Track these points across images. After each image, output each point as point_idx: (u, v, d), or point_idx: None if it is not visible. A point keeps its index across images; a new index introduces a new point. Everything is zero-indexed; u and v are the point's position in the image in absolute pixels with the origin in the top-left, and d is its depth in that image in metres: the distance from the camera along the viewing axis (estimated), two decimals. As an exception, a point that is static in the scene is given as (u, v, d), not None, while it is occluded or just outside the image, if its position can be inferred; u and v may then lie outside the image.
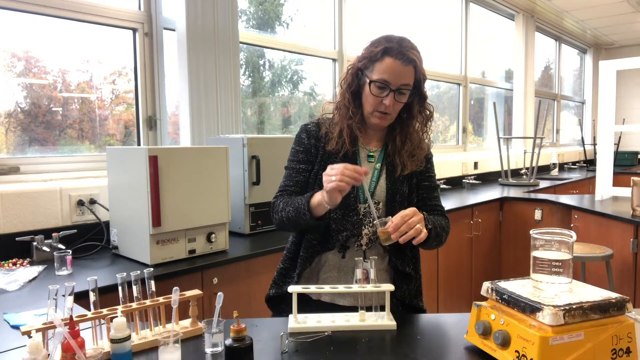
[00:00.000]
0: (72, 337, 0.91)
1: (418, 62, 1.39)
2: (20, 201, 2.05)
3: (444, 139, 5.22)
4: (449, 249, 3.39)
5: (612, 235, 3.09)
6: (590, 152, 7.20)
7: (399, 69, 1.37)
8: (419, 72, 1.41)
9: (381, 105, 1.41)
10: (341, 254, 1.48)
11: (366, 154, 1.52)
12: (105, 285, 1.61)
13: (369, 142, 1.54)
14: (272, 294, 1.54)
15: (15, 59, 2.25)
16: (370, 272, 1.35)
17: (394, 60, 1.37)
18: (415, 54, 1.39)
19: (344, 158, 1.47)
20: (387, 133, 1.53)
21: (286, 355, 1.10)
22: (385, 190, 1.48)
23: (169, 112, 2.72)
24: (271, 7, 3.50)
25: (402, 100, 1.42)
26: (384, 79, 1.38)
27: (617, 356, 0.98)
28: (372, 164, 1.51)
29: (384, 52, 1.38)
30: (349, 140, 1.46)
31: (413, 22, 4.59)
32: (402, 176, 1.48)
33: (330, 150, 1.47)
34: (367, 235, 1.47)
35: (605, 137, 3.66)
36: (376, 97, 1.40)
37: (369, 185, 1.48)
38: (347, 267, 1.47)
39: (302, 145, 1.52)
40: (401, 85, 1.39)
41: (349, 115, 1.45)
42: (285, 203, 1.45)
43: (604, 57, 8.05)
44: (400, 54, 1.37)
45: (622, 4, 5.94)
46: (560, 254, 1.06)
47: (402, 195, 1.48)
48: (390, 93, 1.39)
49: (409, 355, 1.10)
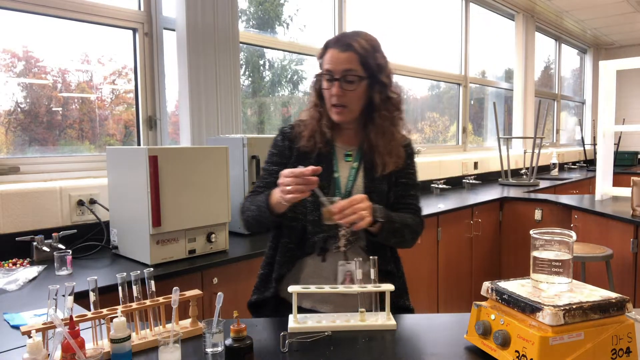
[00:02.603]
0: (72, 337, 0.91)
1: (359, 47, 1.37)
2: (20, 201, 2.05)
3: (444, 139, 5.22)
4: (449, 249, 3.39)
5: (612, 235, 3.09)
6: (590, 152, 7.19)
7: (337, 56, 1.37)
8: (365, 57, 1.38)
9: (332, 97, 1.40)
10: (321, 257, 1.44)
11: (343, 154, 1.50)
12: (105, 285, 1.61)
13: (346, 141, 1.51)
14: (254, 300, 1.52)
15: (15, 59, 2.25)
16: (355, 273, 1.34)
17: (333, 49, 1.39)
18: (358, 39, 1.38)
19: (319, 158, 1.45)
20: (362, 131, 1.50)
21: (286, 355, 1.10)
22: (362, 190, 1.44)
23: (169, 112, 2.72)
24: (271, 7, 3.50)
25: (350, 87, 1.38)
26: (327, 68, 1.39)
27: (617, 356, 0.98)
28: (350, 163, 1.48)
29: (325, 46, 1.42)
30: (321, 140, 1.45)
31: (413, 22, 4.59)
32: (381, 174, 1.45)
33: (303, 149, 1.46)
34: (345, 237, 1.44)
35: (605, 137, 3.66)
36: (326, 90, 1.41)
37: (346, 185, 1.45)
38: (328, 272, 1.44)
39: (276, 148, 1.52)
40: (344, 71, 1.37)
41: (317, 116, 1.45)
42: (250, 203, 1.45)
43: (604, 57, 8.05)
44: (338, 42, 1.39)
45: (622, 4, 5.94)
46: (560, 254, 1.06)
47: (381, 194, 1.45)
48: (336, 82, 1.37)
49: (409, 355, 1.10)
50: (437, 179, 4.40)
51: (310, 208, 1.42)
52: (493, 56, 5.95)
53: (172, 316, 1.16)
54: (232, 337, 1.00)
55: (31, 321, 1.32)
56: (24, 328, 1.00)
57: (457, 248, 3.50)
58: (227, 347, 1.00)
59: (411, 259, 3.04)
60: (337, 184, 1.45)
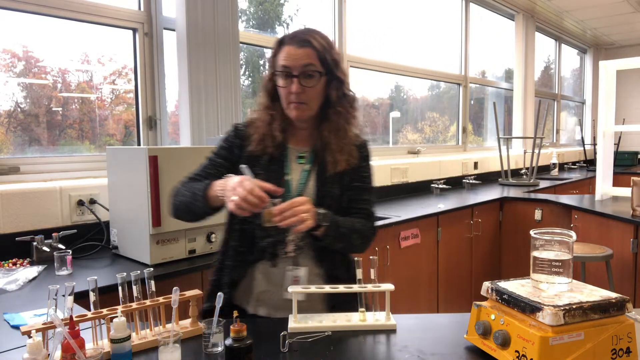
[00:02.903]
0: (72, 337, 0.91)
1: (316, 43, 1.34)
2: (20, 201, 2.05)
3: (444, 139, 5.22)
4: (449, 249, 3.39)
5: (612, 235, 3.09)
6: (590, 152, 7.20)
7: (294, 52, 1.33)
8: (322, 53, 1.35)
9: (290, 94, 1.36)
10: (270, 263, 1.40)
11: (296, 156, 1.45)
12: (105, 285, 1.61)
13: (299, 142, 1.46)
14: (205, 308, 1.44)
15: (15, 59, 2.25)
16: (301, 279, 1.33)
17: (289, 45, 1.35)
18: (314, 36, 1.36)
19: (270, 160, 1.41)
20: (316, 131, 1.45)
21: (286, 355, 1.10)
22: (314, 193, 1.40)
23: (169, 112, 2.72)
24: (271, 7, 3.50)
25: (310, 84, 1.35)
26: (284, 65, 1.34)
27: (617, 356, 0.98)
28: (302, 165, 1.44)
29: (280, 43, 1.38)
30: (272, 144, 1.40)
31: (413, 22, 4.59)
32: (333, 176, 1.41)
33: (254, 152, 1.41)
34: (293, 242, 1.39)
35: (605, 137, 3.66)
36: (284, 87, 1.36)
37: (297, 188, 1.40)
38: (278, 278, 1.39)
39: (227, 143, 1.47)
40: (303, 67, 1.33)
41: (268, 119, 1.41)
42: (185, 188, 1.39)
43: (604, 57, 8.05)
44: (294, 38, 1.35)
45: (622, 4, 5.94)
46: (560, 254, 1.06)
47: (333, 197, 1.41)
48: (295, 79, 1.34)
49: (409, 356, 1.10)
50: (437, 179, 4.40)
51: None
52: (493, 56, 5.95)
53: (172, 316, 1.16)
54: (232, 337, 1.00)
55: (31, 321, 1.32)
56: (24, 328, 1.00)
57: (457, 248, 3.50)
58: (227, 347, 1.00)
59: (411, 259, 3.04)
60: (288, 187, 1.40)
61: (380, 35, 4.22)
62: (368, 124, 4.30)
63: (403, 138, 4.69)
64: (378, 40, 4.17)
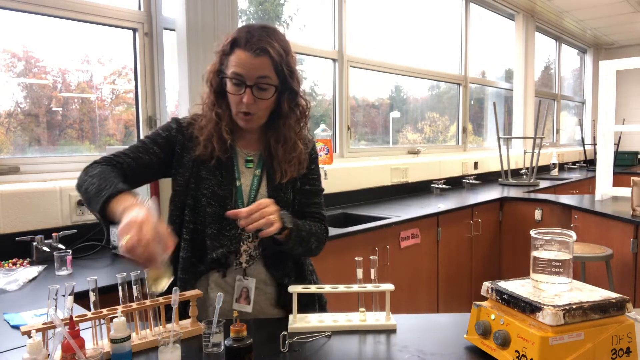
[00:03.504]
0: (72, 337, 0.91)
1: (273, 51, 1.24)
2: (20, 201, 2.05)
3: (444, 139, 5.22)
4: (449, 249, 3.39)
5: (612, 235, 3.09)
6: (590, 152, 7.19)
7: (249, 61, 1.23)
8: (279, 63, 1.25)
9: (241, 104, 1.27)
10: (221, 273, 1.34)
11: (244, 159, 1.39)
12: (105, 285, 1.61)
13: (247, 145, 1.40)
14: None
15: (15, 59, 2.25)
16: (250, 290, 1.31)
17: (243, 51, 1.23)
18: (271, 42, 1.24)
19: (218, 164, 1.33)
20: (263, 134, 1.39)
21: (286, 355, 1.10)
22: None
23: (169, 112, 2.72)
24: (271, 7, 3.50)
25: (263, 96, 1.27)
26: (236, 72, 1.24)
27: (617, 356, 0.98)
28: (251, 169, 1.38)
29: (233, 44, 1.25)
30: (219, 146, 1.31)
31: (413, 22, 4.59)
32: (285, 182, 1.37)
33: (200, 156, 1.32)
34: (247, 252, 1.35)
35: (605, 137, 3.66)
36: (234, 95, 1.27)
37: (249, 194, 1.36)
38: (228, 287, 1.34)
39: (166, 132, 1.36)
40: (257, 79, 1.25)
41: (214, 119, 1.32)
42: (100, 172, 1.21)
43: (604, 57, 8.05)
44: (250, 44, 1.22)
45: (622, 4, 5.94)
46: (560, 254, 1.06)
47: (286, 203, 1.37)
48: (247, 89, 1.25)
49: (409, 355, 1.10)
50: (437, 179, 4.40)
51: (209, 220, 1.31)
52: (493, 56, 5.96)
53: (172, 316, 1.16)
54: (232, 337, 1.00)
55: (31, 321, 1.32)
56: (24, 328, 1.00)
57: (457, 248, 3.50)
58: (227, 347, 1.00)
59: (411, 259, 3.05)
60: (240, 193, 1.35)
61: (380, 36, 4.22)
62: (368, 124, 4.30)
63: (403, 138, 4.69)
64: (378, 41, 4.17)
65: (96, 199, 1.15)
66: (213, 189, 1.33)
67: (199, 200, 1.33)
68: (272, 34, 1.27)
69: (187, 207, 1.34)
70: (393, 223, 2.85)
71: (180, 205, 1.35)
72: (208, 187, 1.33)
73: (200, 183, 1.33)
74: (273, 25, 1.33)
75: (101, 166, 1.26)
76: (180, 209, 1.35)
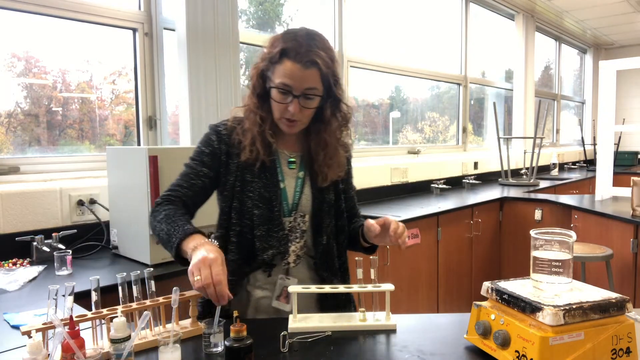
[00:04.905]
0: (72, 337, 0.91)
1: (322, 63, 1.25)
2: (20, 201, 2.05)
3: (444, 139, 5.22)
4: (449, 249, 3.39)
5: (612, 235, 3.09)
6: (590, 152, 7.19)
7: (299, 73, 1.24)
8: (326, 73, 1.27)
9: (287, 112, 1.28)
10: (267, 273, 1.37)
11: (286, 160, 1.40)
12: (106, 285, 1.60)
13: (288, 145, 1.41)
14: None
15: (15, 59, 2.25)
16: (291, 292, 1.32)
17: (294, 63, 1.23)
18: (320, 54, 1.25)
19: (262, 167, 1.34)
20: (303, 134, 1.40)
21: (286, 355, 1.10)
22: (311, 201, 1.38)
23: (169, 112, 2.72)
24: (271, 7, 3.50)
25: (309, 105, 1.29)
26: (285, 83, 1.25)
27: (617, 356, 0.98)
28: (294, 171, 1.39)
29: (282, 53, 1.24)
30: (264, 149, 1.32)
31: (413, 23, 4.59)
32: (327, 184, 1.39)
33: (245, 160, 1.33)
34: (295, 252, 1.37)
35: (605, 137, 3.67)
36: (280, 103, 1.28)
37: (294, 196, 1.37)
38: (270, 286, 1.37)
39: (209, 148, 1.36)
40: (305, 90, 1.26)
41: (258, 122, 1.32)
42: (166, 216, 1.26)
43: (604, 57, 8.05)
44: (300, 56, 1.23)
45: (622, 4, 5.94)
46: (560, 254, 1.06)
47: (330, 204, 1.40)
48: (295, 99, 1.26)
49: (409, 356, 1.10)
50: (437, 179, 4.40)
51: (256, 222, 1.33)
52: (493, 56, 5.95)
53: (172, 316, 1.16)
54: (232, 337, 1.00)
55: (31, 321, 1.32)
56: (24, 328, 1.00)
57: (457, 248, 3.50)
58: (227, 347, 1.00)
59: (411, 259, 3.05)
60: (284, 195, 1.37)
61: (380, 36, 4.22)
62: (368, 124, 4.30)
63: (403, 138, 4.69)
64: (378, 41, 4.17)
65: (169, 245, 1.22)
66: (259, 191, 1.34)
67: (244, 203, 1.34)
68: (319, 43, 1.27)
69: (233, 210, 1.35)
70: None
71: (227, 209, 1.36)
72: (254, 189, 1.34)
73: (245, 186, 1.35)
74: (317, 32, 1.33)
75: (164, 207, 1.30)
76: (227, 213, 1.36)
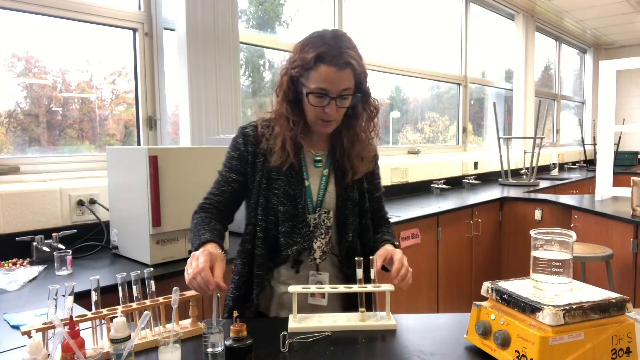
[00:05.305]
0: (72, 337, 0.91)
1: (355, 62, 1.29)
2: (20, 201, 2.05)
3: (444, 139, 5.22)
4: (449, 249, 3.39)
5: (612, 235, 3.09)
6: (590, 152, 7.19)
7: (335, 76, 1.27)
8: (359, 72, 1.31)
9: (324, 114, 1.31)
10: (295, 270, 1.39)
11: (312, 159, 1.43)
12: (106, 285, 1.60)
13: (314, 144, 1.44)
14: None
15: (15, 59, 2.25)
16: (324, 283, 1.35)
17: (329, 67, 1.26)
18: (351, 53, 1.28)
19: (289, 170, 1.37)
20: (332, 134, 1.43)
21: (286, 355, 1.10)
22: (335, 198, 1.41)
23: (169, 112, 2.72)
24: (271, 7, 3.50)
25: (345, 105, 1.34)
26: (322, 87, 1.28)
27: (617, 356, 0.98)
28: (320, 169, 1.42)
29: (317, 59, 1.26)
30: (294, 152, 1.35)
31: (413, 23, 4.59)
32: (352, 181, 1.42)
33: (274, 164, 1.36)
34: (320, 248, 1.39)
35: (605, 137, 3.67)
36: (317, 107, 1.31)
37: (318, 194, 1.40)
38: (301, 282, 1.39)
39: (237, 152, 1.40)
40: (341, 91, 1.29)
41: (290, 127, 1.34)
42: (195, 225, 1.34)
43: (604, 57, 8.05)
44: (335, 59, 1.25)
45: (622, 4, 5.94)
46: (560, 254, 1.06)
47: (354, 202, 1.43)
48: (332, 101, 1.29)
49: (409, 355, 1.10)
50: (437, 179, 4.40)
51: (281, 219, 1.36)
52: (493, 56, 5.95)
53: (172, 316, 1.16)
54: (232, 337, 1.00)
55: (31, 321, 1.32)
56: (24, 328, 1.00)
57: (457, 248, 3.50)
58: (227, 347, 1.00)
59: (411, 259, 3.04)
60: (309, 193, 1.39)
61: (380, 36, 4.21)
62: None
63: (403, 138, 4.69)
64: (378, 41, 4.17)
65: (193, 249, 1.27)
66: (284, 188, 1.37)
67: (270, 200, 1.37)
68: (347, 42, 1.30)
69: (259, 207, 1.38)
70: (393, 223, 2.84)
71: (254, 205, 1.39)
72: (279, 187, 1.37)
73: (271, 183, 1.38)
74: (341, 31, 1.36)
75: (197, 216, 1.38)
76: (254, 209, 1.39)
